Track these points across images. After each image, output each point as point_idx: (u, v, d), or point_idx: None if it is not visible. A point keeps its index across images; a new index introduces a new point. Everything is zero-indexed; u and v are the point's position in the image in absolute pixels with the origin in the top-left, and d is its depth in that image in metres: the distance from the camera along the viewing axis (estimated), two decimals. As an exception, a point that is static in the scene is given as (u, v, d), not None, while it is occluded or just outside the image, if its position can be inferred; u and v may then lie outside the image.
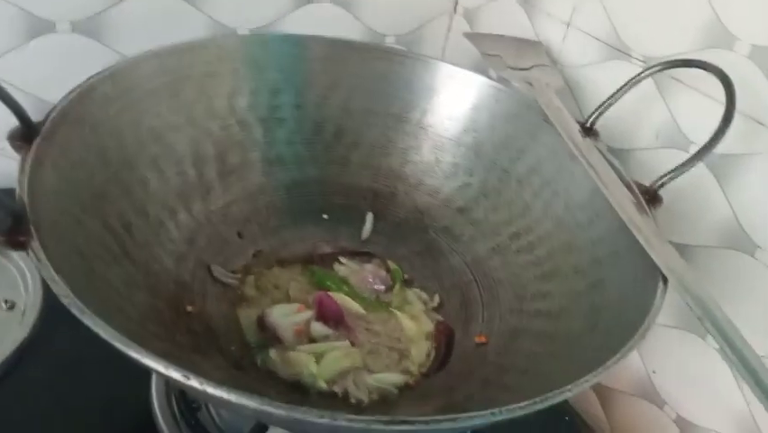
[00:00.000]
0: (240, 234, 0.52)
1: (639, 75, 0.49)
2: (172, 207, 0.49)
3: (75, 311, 0.29)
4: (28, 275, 0.55)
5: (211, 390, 0.26)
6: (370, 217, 0.57)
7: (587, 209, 0.47)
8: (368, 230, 0.56)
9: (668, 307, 0.44)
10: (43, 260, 0.30)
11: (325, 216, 0.56)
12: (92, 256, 0.38)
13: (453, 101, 0.57)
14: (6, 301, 0.53)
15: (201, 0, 0.67)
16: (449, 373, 0.45)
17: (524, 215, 0.52)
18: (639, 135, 0.55)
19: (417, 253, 0.54)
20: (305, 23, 0.72)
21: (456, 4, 0.79)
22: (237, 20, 0.70)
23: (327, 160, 0.58)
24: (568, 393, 0.29)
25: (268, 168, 0.56)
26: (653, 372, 0.56)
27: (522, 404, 0.28)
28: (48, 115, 0.39)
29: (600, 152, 0.48)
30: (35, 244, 0.31)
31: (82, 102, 0.42)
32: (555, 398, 0.29)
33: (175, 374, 0.26)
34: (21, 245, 0.31)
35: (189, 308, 0.45)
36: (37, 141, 0.37)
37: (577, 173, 0.49)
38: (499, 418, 0.27)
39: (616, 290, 0.41)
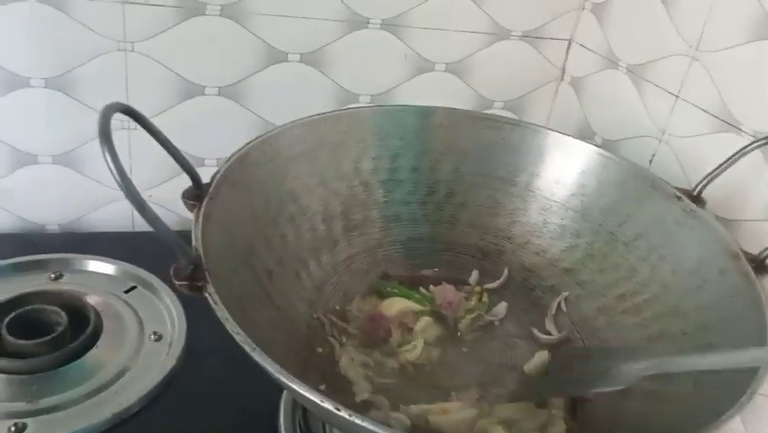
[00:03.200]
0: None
1: (748, 146, 0.51)
2: (305, 259, 0.55)
3: (246, 348, 0.34)
4: (174, 312, 0.62)
5: (358, 421, 0.30)
6: (475, 274, 0.61)
7: (695, 276, 0.49)
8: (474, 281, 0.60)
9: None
10: (219, 303, 0.36)
11: (436, 270, 0.61)
12: (245, 301, 0.44)
13: (561, 166, 0.60)
14: (155, 333, 0.60)
15: (329, 68, 0.75)
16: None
17: (630, 278, 0.54)
18: (747, 207, 0.56)
19: (523, 310, 0.58)
20: (420, 90, 0.78)
21: (563, 72, 0.83)
22: (360, 86, 0.77)
23: (438, 218, 0.63)
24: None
25: (386, 225, 0.61)
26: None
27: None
28: (213, 178, 0.46)
29: (707, 218, 0.50)
30: (211, 288, 0.37)
31: (238, 166, 0.49)
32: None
33: (329, 406, 0.31)
34: (198, 290, 0.38)
35: (319, 350, 0.50)
36: (206, 200, 0.44)
37: (684, 240, 0.51)
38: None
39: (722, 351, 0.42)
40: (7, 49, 0.65)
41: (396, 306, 0.55)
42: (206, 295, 0.37)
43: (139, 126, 0.41)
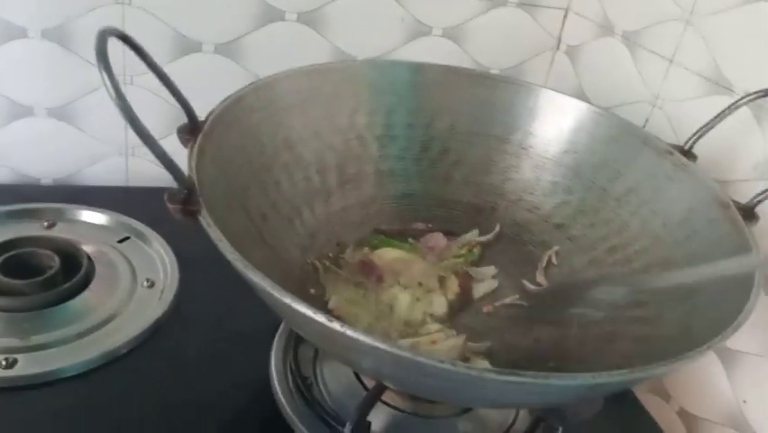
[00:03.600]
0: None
1: (738, 101, 0.51)
2: (299, 207, 0.55)
3: (239, 266, 0.34)
4: (166, 259, 0.63)
5: (350, 333, 0.31)
6: (474, 233, 0.61)
7: (684, 226, 0.50)
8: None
9: (762, 336, 0.46)
10: (212, 225, 0.37)
11: (429, 225, 0.61)
12: (239, 238, 0.44)
13: (554, 124, 0.61)
14: (147, 280, 0.61)
15: (326, 29, 0.75)
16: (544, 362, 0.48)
17: (621, 231, 0.54)
18: (737, 166, 0.57)
19: (513, 262, 0.58)
20: (416, 55, 0.79)
21: (559, 41, 0.83)
22: (357, 49, 0.77)
23: (432, 175, 0.63)
24: (663, 368, 0.32)
25: (380, 180, 0.61)
26: (744, 401, 0.57)
27: (621, 371, 0.31)
28: (208, 117, 0.47)
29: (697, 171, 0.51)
30: (204, 212, 0.37)
31: (233, 108, 0.49)
32: (651, 371, 0.32)
33: (321, 318, 0.32)
34: (192, 214, 0.38)
35: (312, 291, 0.51)
36: (200, 135, 0.44)
37: (675, 193, 0.52)
38: (599, 381, 0.30)
39: (710, 296, 0.43)
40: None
41: (387, 255, 0.56)
42: (200, 218, 0.37)
43: (135, 81, 0.41)
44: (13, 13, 0.66)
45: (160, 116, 0.65)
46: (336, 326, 0.31)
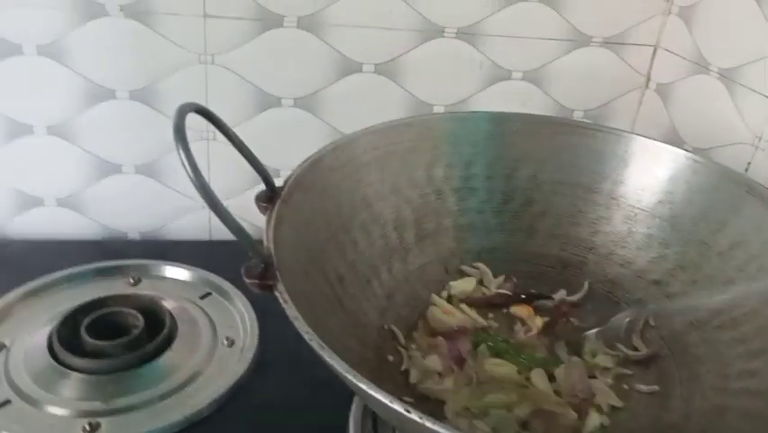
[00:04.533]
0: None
1: None
2: (376, 266, 0.53)
3: (314, 346, 0.33)
4: (247, 318, 0.63)
5: (429, 424, 0.29)
6: (561, 293, 0.57)
7: (799, 287, 0.45)
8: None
9: None
10: (288, 301, 0.36)
11: (514, 280, 0.58)
12: (316, 304, 0.44)
13: (647, 173, 0.57)
14: (228, 339, 0.61)
15: (404, 79, 0.74)
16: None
17: (726, 290, 0.50)
18: None
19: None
20: (496, 100, 0.77)
21: (648, 79, 0.79)
22: (434, 97, 0.76)
23: (514, 228, 0.60)
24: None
25: (459, 234, 0.59)
26: None
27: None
28: (286, 182, 0.46)
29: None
30: (281, 287, 0.37)
31: (311, 171, 0.49)
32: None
33: (398, 407, 0.30)
34: (269, 288, 0.37)
35: (390, 358, 0.49)
36: (278, 202, 0.44)
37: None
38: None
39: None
40: (94, 61, 0.68)
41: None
42: (276, 294, 0.37)
43: (218, 137, 0.41)
44: (102, 75, 0.69)
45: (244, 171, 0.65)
46: (414, 417, 0.29)
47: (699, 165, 0.54)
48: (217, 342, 0.60)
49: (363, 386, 0.31)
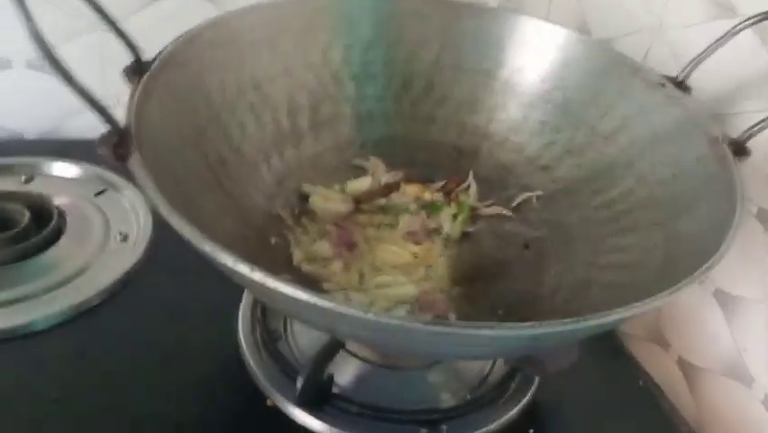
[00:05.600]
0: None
1: (736, 26, 0.46)
2: (266, 151, 0.52)
3: (163, 211, 0.32)
4: (140, 212, 0.61)
5: (270, 283, 0.29)
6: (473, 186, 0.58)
7: (671, 165, 0.46)
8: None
9: (763, 281, 0.42)
10: (141, 169, 0.34)
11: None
12: (188, 182, 0.42)
13: (543, 57, 0.56)
14: (120, 233, 0.59)
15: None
16: (514, 315, 0.45)
17: (606, 173, 0.51)
18: (742, 99, 0.52)
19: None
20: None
21: (560, -30, 0.77)
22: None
23: (414, 116, 0.59)
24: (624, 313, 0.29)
25: (358, 123, 0.58)
26: (745, 350, 0.54)
27: (565, 320, 0.28)
28: (157, 56, 0.44)
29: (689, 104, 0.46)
30: (136, 156, 0.35)
31: (189, 46, 0.46)
32: (609, 317, 0.29)
33: (242, 268, 0.29)
34: (122, 158, 0.36)
35: (273, 240, 0.48)
36: (146, 76, 0.42)
37: (665, 129, 0.47)
38: (539, 331, 0.28)
39: (691, 239, 0.40)
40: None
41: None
42: (129, 164, 0.35)
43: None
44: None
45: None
46: (257, 276, 0.29)
47: (591, 49, 0.54)
48: (110, 237, 0.59)
49: (207, 248, 0.31)
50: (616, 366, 0.57)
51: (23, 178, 0.65)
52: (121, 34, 0.41)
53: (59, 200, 0.61)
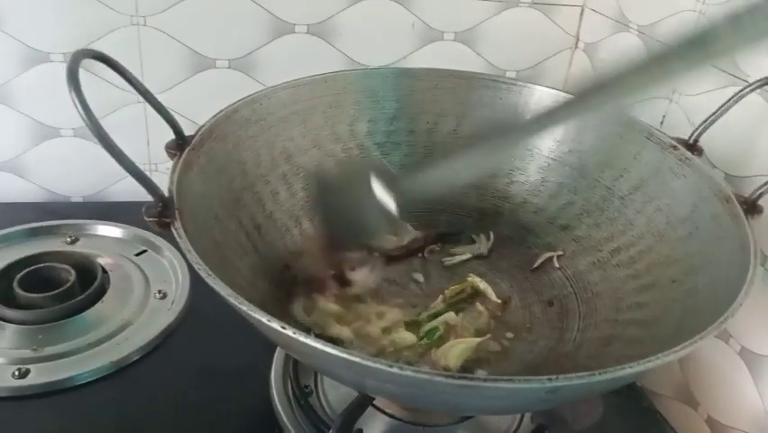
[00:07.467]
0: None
1: (742, 90, 0.49)
2: (297, 217, 0.56)
3: (202, 273, 0.35)
4: (179, 271, 0.64)
5: (290, 333, 0.31)
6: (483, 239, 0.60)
7: (687, 223, 0.48)
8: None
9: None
10: (183, 236, 0.37)
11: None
12: (226, 246, 0.45)
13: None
14: (159, 291, 0.62)
15: (336, 39, 0.75)
16: (537, 371, 0.46)
17: (625, 231, 0.52)
18: (751, 160, 0.54)
19: (518, 267, 0.57)
20: (429, 60, 0.78)
21: (577, 39, 0.81)
22: (368, 57, 0.77)
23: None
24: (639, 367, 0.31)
25: (383, 187, 0.61)
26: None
27: (582, 374, 0.29)
28: (197, 131, 0.48)
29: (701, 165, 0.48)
30: (178, 224, 0.38)
31: (226, 122, 0.50)
32: (624, 371, 0.30)
33: (275, 325, 0.32)
34: (166, 226, 0.39)
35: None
36: (187, 149, 0.45)
37: (679, 189, 0.49)
38: (556, 384, 0.29)
39: (708, 293, 0.41)
40: (28, 24, 0.68)
41: None
42: (173, 229, 0.38)
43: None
44: (37, 38, 0.69)
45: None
46: (276, 326, 0.31)
47: (606, 115, 0.56)
48: (149, 295, 0.62)
49: (244, 308, 0.33)
50: (645, 426, 0.58)
51: (69, 239, 0.69)
52: (162, 113, 0.45)
53: (103, 260, 0.64)
